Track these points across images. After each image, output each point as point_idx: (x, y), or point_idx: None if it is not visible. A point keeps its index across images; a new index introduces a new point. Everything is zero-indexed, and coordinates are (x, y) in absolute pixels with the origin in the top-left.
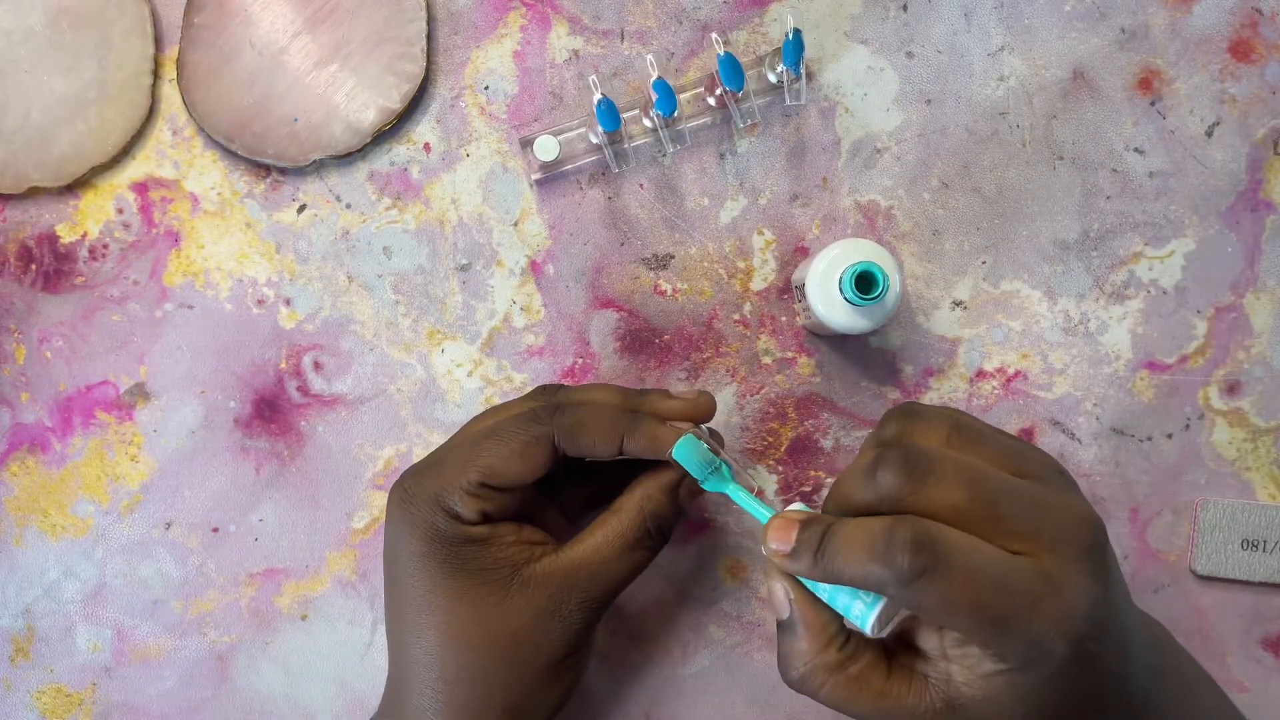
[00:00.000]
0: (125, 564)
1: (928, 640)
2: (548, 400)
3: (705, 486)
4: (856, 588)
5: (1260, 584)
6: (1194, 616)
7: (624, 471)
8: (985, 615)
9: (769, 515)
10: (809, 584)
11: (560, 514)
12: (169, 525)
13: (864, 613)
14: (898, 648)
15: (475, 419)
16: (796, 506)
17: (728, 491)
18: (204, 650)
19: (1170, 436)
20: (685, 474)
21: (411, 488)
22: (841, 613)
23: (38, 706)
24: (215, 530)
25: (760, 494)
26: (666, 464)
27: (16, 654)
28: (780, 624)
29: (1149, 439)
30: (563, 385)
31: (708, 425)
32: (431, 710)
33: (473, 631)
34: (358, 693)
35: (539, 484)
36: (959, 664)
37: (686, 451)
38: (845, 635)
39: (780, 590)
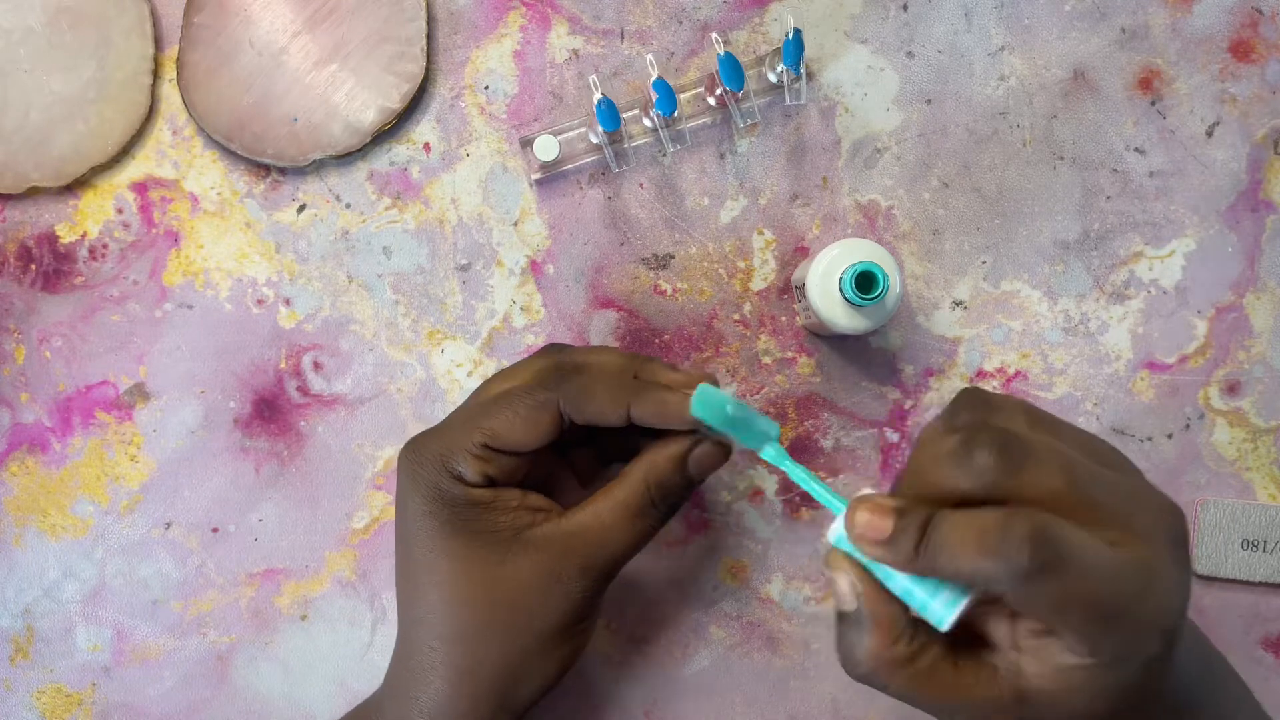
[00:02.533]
0: (125, 564)
1: (997, 630)
2: (554, 358)
3: (744, 442)
4: (958, 582)
5: (1260, 584)
6: (1194, 617)
7: (641, 438)
8: (1097, 612)
9: (837, 500)
10: (879, 574)
11: (574, 479)
12: (169, 525)
13: (943, 610)
14: (963, 637)
15: (486, 383)
16: (868, 490)
17: (766, 455)
18: (204, 650)
19: (1170, 436)
20: (694, 444)
21: (419, 449)
22: (916, 609)
23: (38, 706)
24: (215, 530)
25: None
26: (674, 434)
27: (16, 654)
28: (843, 616)
29: (1149, 439)
30: (569, 345)
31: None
32: (430, 669)
33: (471, 592)
34: (358, 693)
35: (553, 448)
36: (1032, 655)
37: (706, 401)
38: (913, 628)
39: (846, 582)
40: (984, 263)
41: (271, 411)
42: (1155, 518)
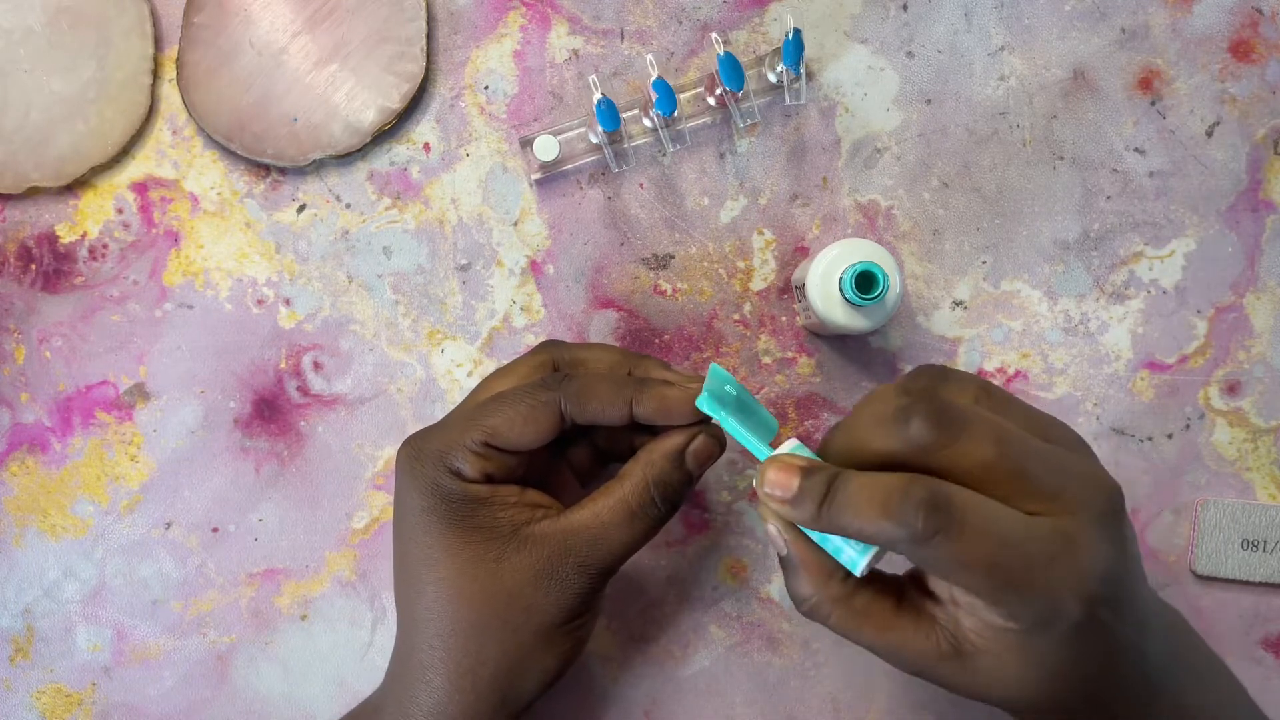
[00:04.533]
0: (125, 564)
1: (938, 585)
2: (551, 355)
3: (748, 431)
4: (859, 541)
5: (1260, 584)
6: (1194, 617)
7: (636, 436)
8: (998, 575)
9: (765, 455)
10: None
11: (572, 477)
12: (169, 525)
13: (857, 556)
14: (909, 587)
15: (484, 381)
16: (792, 446)
17: (699, 403)
18: (204, 650)
19: (1170, 436)
20: (690, 438)
21: (418, 445)
22: (831, 552)
23: (37, 706)
24: (215, 530)
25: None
26: (673, 430)
27: (16, 654)
28: (781, 561)
29: (1149, 439)
30: (564, 342)
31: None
32: (429, 667)
33: (469, 587)
34: (358, 693)
35: (553, 448)
36: (967, 613)
37: (718, 378)
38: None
39: (774, 529)
40: (984, 263)
41: (271, 411)
42: (1086, 492)
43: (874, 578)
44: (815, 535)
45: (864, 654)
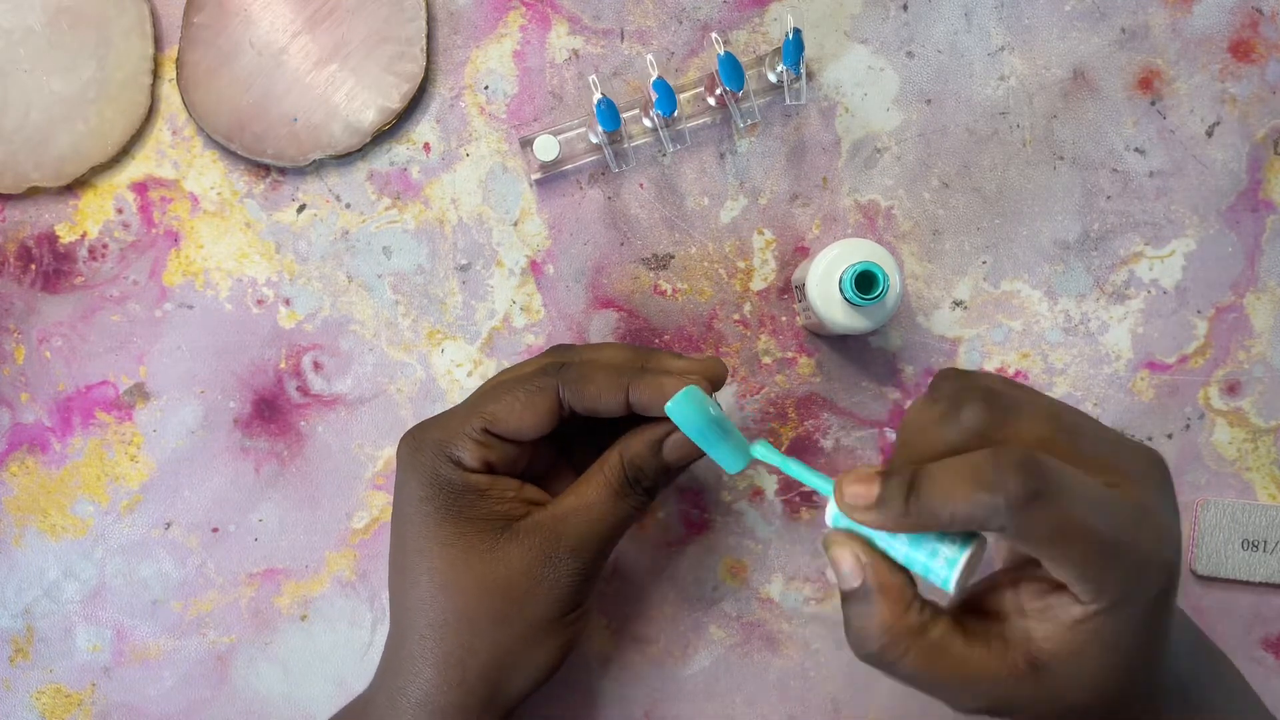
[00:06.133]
0: (125, 564)
1: (1003, 601)
2: (559, 357)
3: (716, 457)
4: (954, 528)
5: (1260, 584)
6: (1194, 617)
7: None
8: (1097, 543)
9: (825, 482)
10: (881, 547)
11: (575, 476)
12: (169, 525)
13: (947, 566)
14: (968, 616)
15: (489, 379)
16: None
17: (756, 453)
18: (203, 650)
19: (1170, 436)
20: (671, 429)
21: (419, 435)
22: (920, 573)
23: (37, 707)
24: (215, 530)
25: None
26: (658, 420)
27: (16, 654)
28: (848, 595)
29: (1149, 439)
30: (574, 345)
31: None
32: (420, 658)
33: (462, 578)
34: (357, 693)
35: (554, 447)
36: (1038, 619)
37: (682, 405)
38: (920, 599)
39: (849, 556)
40: (984, 263)
41: (271, 411)
42: (1141, 463)
43: (941, 612)
44: (902, 558)
45: None
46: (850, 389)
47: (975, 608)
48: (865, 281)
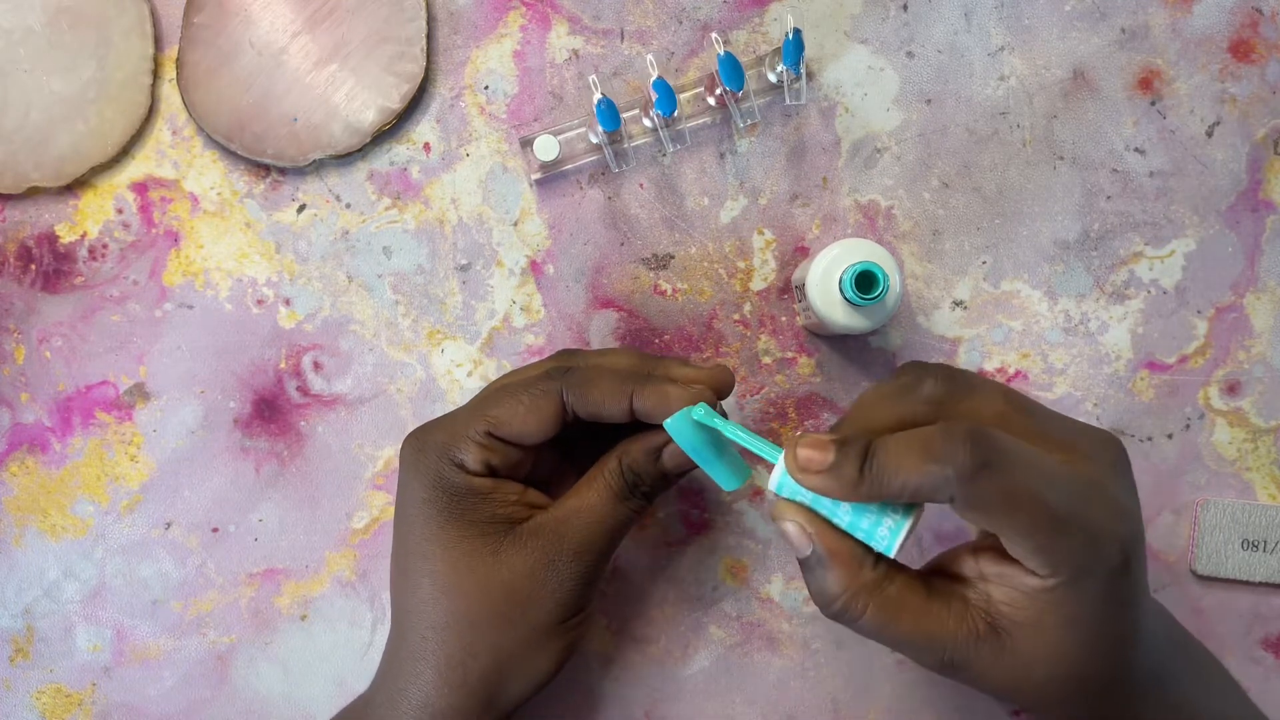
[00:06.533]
0: (125, 564)
1: (964, 566)
2: (564, 362)
3: (703, 468)
4: (904, 498)
5: (1260, 584)
6: (1194, 617)
7: None
8: (1046, 516)
9: (773, 450)
10: (824, 514)
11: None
12: (169, 525)
13: (890, 536)
14: (933, 577)
15: (493, 382)
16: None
17: (696, 415)
18: (204, 650)
19: (1170, 436)
20: (671, 438)
21: (422, 437)
22: (863, 539)
23: (37, 706)
24: (215, 530)
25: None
26: (661, 428)
27: (16, 654)
28: (804, 563)
29: (1149, 439)
30: (580, 350)
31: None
32: (420, 659)
33: (464, 580)
34: (357, 693)
35: (558, 451)
36: (998, 584)
37: (680, 424)
38: (874, 556)
39: (794, 527)
40: (984, 263)
41: (271, 411)
42: (1096, 444)
43: (898, 565)
44: (846, 524)
45: (864, 654)
46: (850, 389)
47: (940, 570)
48: (865, 281)
